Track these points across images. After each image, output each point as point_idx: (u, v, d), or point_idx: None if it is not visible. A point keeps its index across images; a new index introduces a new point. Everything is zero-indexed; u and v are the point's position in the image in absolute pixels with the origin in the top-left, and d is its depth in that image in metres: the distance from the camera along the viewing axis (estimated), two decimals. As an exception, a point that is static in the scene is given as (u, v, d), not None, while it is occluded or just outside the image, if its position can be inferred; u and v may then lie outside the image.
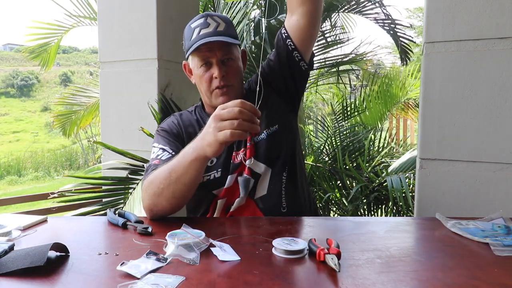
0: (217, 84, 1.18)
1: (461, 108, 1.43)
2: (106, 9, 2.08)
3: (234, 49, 1.22)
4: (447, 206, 1.46)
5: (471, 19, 1.40)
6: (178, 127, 1.28)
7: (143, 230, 0.96)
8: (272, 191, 1.22)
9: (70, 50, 39.84)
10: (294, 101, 1.34)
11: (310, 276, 0.74)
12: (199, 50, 1.18)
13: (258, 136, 1.23)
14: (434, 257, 0.83)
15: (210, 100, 1.23)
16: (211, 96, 1.22)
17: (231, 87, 1.20)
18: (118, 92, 2.06)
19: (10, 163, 13.26)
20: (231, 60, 1.20)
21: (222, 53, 1.18)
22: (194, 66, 1.24)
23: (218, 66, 1.18)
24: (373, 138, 3.07)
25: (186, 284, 0.69)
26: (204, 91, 1.23)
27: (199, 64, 1.20)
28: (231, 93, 1.20)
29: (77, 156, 14.09)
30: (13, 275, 0.73)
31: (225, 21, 1.22)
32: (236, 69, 1.22)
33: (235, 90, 1.22)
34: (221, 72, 1.17)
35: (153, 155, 1.20)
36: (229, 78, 1.19)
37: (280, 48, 1.24)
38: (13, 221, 1.02)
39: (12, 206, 5.37)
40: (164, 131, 1.27)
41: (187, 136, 1.25)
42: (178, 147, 1.18)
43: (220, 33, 1.18)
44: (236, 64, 1.22)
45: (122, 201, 1.80)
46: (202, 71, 1.20)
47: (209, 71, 1.19)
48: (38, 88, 29.04)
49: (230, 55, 1.20)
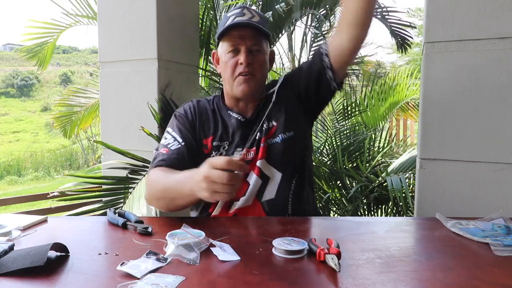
0: (241, 70, 1.19)
1: (461, 108, 1.43)
2: (106, 9, 2.08)
3: (263, 43, 1.23)
4: (447, 206, 1.46)
5: (471, 19, 1.40)
6: (193, 114, 1.28)
7: (143, 230, 0.96)
8: (280, 196, 1.22)
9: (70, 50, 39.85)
10: (313, 114, 1.35)
11: (310, 276, 0.74)
12: (230, 35, 1.20)
13: (273, 139, 1.23)
14: (434, 257, 0.83)
15: (231, 88, 1.23)
16: (233, 83, 1.22)
17: (254, 77, 1.21)
18: (118, 92, 2.06)
19: (10, 163, 13.26)
20: (259, 52, 1.21)
21: (251, 42, 1.20)
22: (222, 52, 1.24)
23: (246, 53, 1.19)
24: (373, 138, 3.07)
25: (186, 284, 0.69)
26: (227, 77, 1.23)
27: (228, 49, 1.21)
28: (253, 82, 1.21)
29: (77, 156, 14.10)
30: (13, 275, 0.73)
31: (260, 15, 1.24)
32: (262, 62, 1.23)
33: (257, 82, 1.23)
34: (247, 59, 1.18)
35: (164, 141, 1.23)
36: (254, 67, 1.20)
37: (315, 62, 1.23)
38: (13, 221, 1.02)
39: (12, 206, 5.37)
40: (180, 117, 1.28)
41: (200, 125, 1.26)
42: (188, 138, 1.22)
43: (254, 23, 1.20)
44: (263, 57, 1.23)
45: (122, 201, 1.80)
46: (229, 57, 1.21)
47: (236, 57, 1.20)
48: (38, 88, 29.05)
49: (259, 46, 1.21)
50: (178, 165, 1.15)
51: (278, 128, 1.24)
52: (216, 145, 1.24)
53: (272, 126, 1.25)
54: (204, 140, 1.25)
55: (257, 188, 1.21)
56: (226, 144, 1.24)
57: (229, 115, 1.27)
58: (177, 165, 1.15)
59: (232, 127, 1.25)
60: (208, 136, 1.25)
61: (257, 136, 1.24)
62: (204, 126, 1.27)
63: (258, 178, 1.21)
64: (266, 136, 1.23)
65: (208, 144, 1.24)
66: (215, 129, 1.25)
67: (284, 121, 1.24)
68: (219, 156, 1.22)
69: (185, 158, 1.18)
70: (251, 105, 1.28)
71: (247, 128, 1.25)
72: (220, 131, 1.25)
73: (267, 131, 1.24)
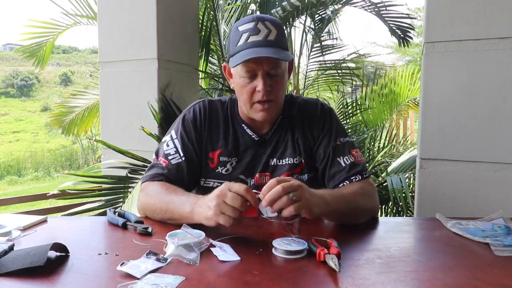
0: (260, 98, 1.10)
1: (461, 108, 1.43)
2: (106, 9, 2.08)
3: (282, 62, 1.12)
4: (447, 206, 1.46)
5: (471, 19, 1.40)
6: (203, 121, 1.20)
7: (143, 230, 0.95)
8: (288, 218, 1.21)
9: (70, 50, 39.84)
10: None
11: (310, 276, 0.74)
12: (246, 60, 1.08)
13: (300, 175, 1.18)
14: (434, 257, 0.83)
15: (248, 111, 1.16)
16: (250, 108, 1.14)
17: (273, 103, 1.12)
18: (118, 92, 2.06)
19: (10, 163, 13.27)
20: (277, 76, 1.11)
21: (269, 66, 1.08)
22: (236, 73, 1.13)
23: (264, 79, 1.08)
24: (374, 137, 3.07)
25: (186, 284, 0.69)
26: (243, 101, 1.14)
27: (243, 73, 1.10)
28: (272, 109, 1.13)
29: (77, 156, 14.10)
30: (13, 275, 0.73)
31: (276, 27, 1.10)
32: (281, 85, 1.13)
33: (277, 106, 1.15)
34: (266, 87, 1.08)
35: (166, 148, 1.18)
36: (273, 93, 1.11)
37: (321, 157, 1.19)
38: (13, 221, 1.02)
39: (12, 206, 5.38)
40: (187, 122, 1.20)
41: (208, 134, 1.19)
42: (189, 153, 1.17)
43: (271, 43, 1.07)
44: (282, 79, 1.13)
45: (122, 200, 1.80)
46: (245, 82, 1.11)
47: (253, 83, 1.10)
48: (38, 88, 29.05)
49: (278, 69, 1.10)
50: (176, 181, 1.13)
51: (305, 167, 1.18)
52: (223, 161, 1.18)
53: (301, 163, 1.19)
54: (210, 153, 1.19)
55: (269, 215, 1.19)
56: (235, 160, 1.19)
57: (242, 130, 1.20)
58: (175, 181, 1.13)
59: (245, 144, 1.19)
60: (215, 149, 1.19)
61: (275, 162, 1.19)
62: (213, 137, 1.19)
63: None
64: (293, 171, 1.18)
65: (214, 158, 1.19)
66: (225, 142, 1.19)
67: (310, 160, 1.19)
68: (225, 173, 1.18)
69: (184, 174, 1.16)
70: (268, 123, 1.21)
71: (260, 147, 1.20)
72: (230, 146, 1.19)
73: (295, 166, 1.18)
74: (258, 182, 1.17)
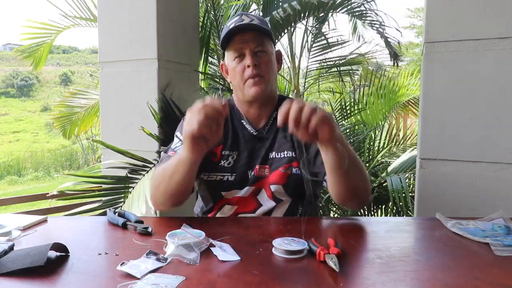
0: (250, 73, 1.19)
1: (461, 108, 1.43)
2: (106, 9, 2.08)
3: (267, 43, 1.23)
4: (447, 206, 1.46)
5: (471, 19, 1.40)
6: None
7: (143, 230, 0.96)
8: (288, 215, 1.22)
9: (70, 50, 39.86)
10: None
11: (310, 276, 0.74)
12: (233, 42, 1.21)
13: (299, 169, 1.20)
14: (434, 257, 0.83)
15: (243, 93, 1.23)
16: (243, 87, 1.21)
17: (263, 78, 1.20)
18: (118, 92, 2.06)
19: (10, 163, 13.27)
20: (263, 53, 1.21)
21: (255, 44, 1.19)
22: (228, 60, 1.24)
23: (251, 55, 1.19)
24: (373, 137, 3.07)
25: (186, 284, 0.69)
26: (237, 83, 1.23)
27: (233, 56, 1.22)
28: (263, 84, 1.20)
29: (77, 156, 14.11)
30: (13, 275, 0.73)
31: (259, 19, 1.26)
32: (268, 61, 1.22)
33: (267, 82, 1.22)
34: (254, 61, 1.18)
35: (172, 144, 1.24)
36: (261, 68, 1.19)
37: None
38: (13, 221, 1.02)
39: (12, 206, 5.38)
40: None
41: None
42: None
43: (254, 26, 1.21)
44: (269, 57, 1.22)
45: (122, 200, 1.80)
46: (236, 63, 1.21)
47: (242, 62, 1.20)
48: (38, 88, 29.07)
49: (263, 47, 1.21)
50: None
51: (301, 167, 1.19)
52: (225, 154, 1.24)
53: None
54: (214, 149, 1.23)
55: (268, 208, 1.21)
56: (235, 154, 1.24)
57: (241, 125, 1.27)
58: None
59: (244, 139, 1.25)
60: (218, 144, 1.23)
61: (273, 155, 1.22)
62: None
63: (271, 200, 1.21)
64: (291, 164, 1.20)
65: (217, 152, 1.24)
66: (225, 138, 1.25)
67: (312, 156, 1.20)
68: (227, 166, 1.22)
69: None
70: (263, 113, 1.27)
71: (259, 141, 1.25)
72: (230, 141, 1.25)
73: (293, 159, 1.21)
74: (258, 174, 1.22)
